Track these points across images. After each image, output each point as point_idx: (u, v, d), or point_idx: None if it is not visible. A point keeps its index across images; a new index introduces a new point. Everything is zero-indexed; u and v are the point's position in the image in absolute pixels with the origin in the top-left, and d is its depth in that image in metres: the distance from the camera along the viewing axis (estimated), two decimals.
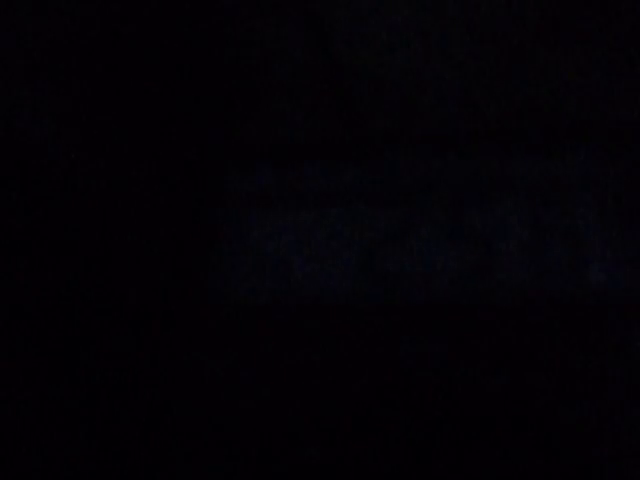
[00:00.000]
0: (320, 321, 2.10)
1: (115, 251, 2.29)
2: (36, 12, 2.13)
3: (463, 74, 2.17)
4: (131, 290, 2.25)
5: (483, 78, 2.16)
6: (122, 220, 2.31)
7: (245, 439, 1.99)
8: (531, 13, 2.08)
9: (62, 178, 2.25)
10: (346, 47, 2.19)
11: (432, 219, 2.14)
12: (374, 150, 2.30)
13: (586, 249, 1.98)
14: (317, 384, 2.02)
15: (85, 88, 2.24)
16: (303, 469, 1.91)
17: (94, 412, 2.10)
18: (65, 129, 2.24)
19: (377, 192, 2.22)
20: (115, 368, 2.16)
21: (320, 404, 1.99)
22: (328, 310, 2.12)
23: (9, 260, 2.16)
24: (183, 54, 2.25)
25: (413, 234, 2.14)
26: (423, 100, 2.22)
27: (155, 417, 2.10)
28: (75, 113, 2.25)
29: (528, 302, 1.96)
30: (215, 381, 2.10)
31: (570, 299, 1.92)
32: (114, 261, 2.28)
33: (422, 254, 2.11)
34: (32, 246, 2.23)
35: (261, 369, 2.08)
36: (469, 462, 1.82)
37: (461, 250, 2.08)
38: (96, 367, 2.15)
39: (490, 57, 2.15)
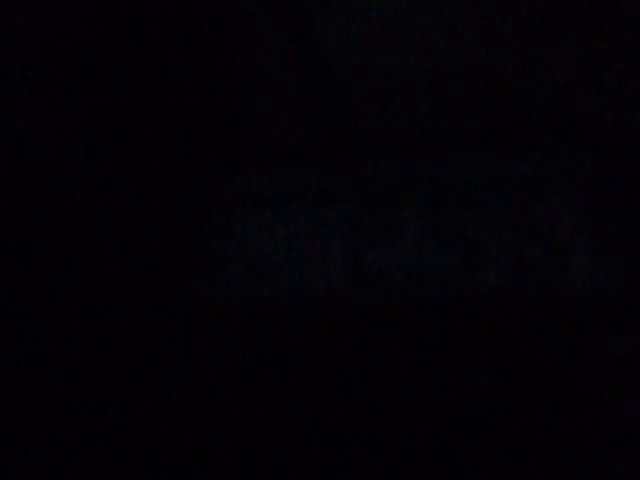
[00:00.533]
0: (305, 321, 2.12)
1: (103, 251, 2.30)
2: (42, 20, 2.14)
3: (446, 75, 2.19)
4: (118, 290, 2.27)
5: (466, 78, 2.18)
6: (110, 220, 2.32)
7: (234, 440, 2.01)
8: (515, 16, 2.10)
9: (51, 177, 2.26)
10: (334, 50, 2.20)
11: (415, 219, 2.17)
12: (358, 151, 2.31)
13: (567, 248, 2.01)
14: (303, 382, 2.04)
15: (83, 91, 2.25)
16: (293, 469, 1.94)
17: (80, 415, 2.12)
18: (59, 125, 2.25)
19: (361, 193, 2.24)
20: (101, 369, 2.18)
21: (307, 401, 2.01)
22: (313, 310, 2.14)
23: (10, 264, 2.17)
24: (176, 59, 2.26)
25: (396, 234, 2.17)
26: (407, 100, 2.24)
27: (141, 418, 2.12)
28: (71, 112, 2.25)
29: (510, 301, 1.98)
30: (202, 382, 2.12)
31: (551, 298, 1.96)
32: (102, 261, 2.29)
33: (405, 254, 2.13)
34: (28, 251, 2.24)
35: (248, 369, 2.10)
36: (452, 458, 1.85)
37: (444, 250, 2.11)
38: (82, 368, 2.16)
39: (474, 57, 2.17)
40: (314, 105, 2.29)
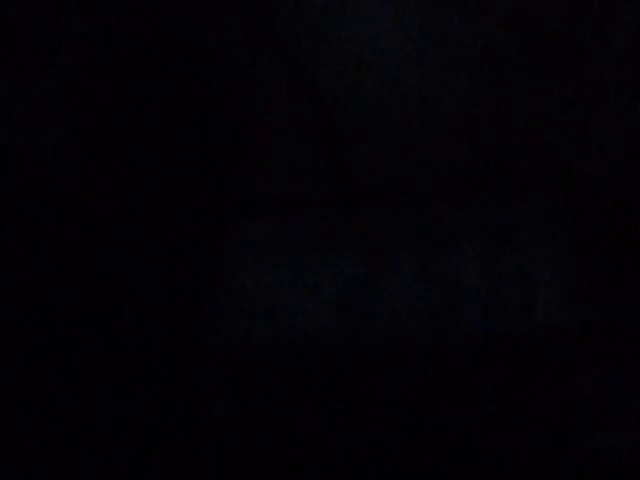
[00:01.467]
0: (302, 362, 2.26)
1: (114, 293, 2.44)
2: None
3: (432, 134, 2.36)
4: (125, 332, 2.40)
5: (445, 135, 2.35)
6: (122, 264, 2.47)
7: None
8: (498, 70, 2.27)
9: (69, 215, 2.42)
10: (334, 100, 2.38)
11: (402, 265, 2.32)
12: (354, 201, 2.48)
13: (536, 290, 2.15)
14: (299, 422, 2.15)
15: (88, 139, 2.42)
16: None
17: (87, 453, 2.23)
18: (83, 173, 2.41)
19: (351, 240, 2.40)
20: (109, 408, 2.29)
21: (303, 441, 2.12)
22: (308, 351, 2.28)
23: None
24: (181, 108, 2.43)
25: (385, 279, 2.32)
26: (392, 155, 2.41)
27: (143, 461, 2.22)
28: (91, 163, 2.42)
29: (486, 341, 2.11)
30: (205, 424, 2.23)
31: (522, 337, 2.09)
32: (113, 301, 2.43)
33: (392, 298, 2.28)
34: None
35: (250, 411, 2.21)
36: None
37: (428, 293, 2.25)
38: (87, 406, 2.28)
39: (457, 115, 2.33)
40: (318, 158, 2.46)
